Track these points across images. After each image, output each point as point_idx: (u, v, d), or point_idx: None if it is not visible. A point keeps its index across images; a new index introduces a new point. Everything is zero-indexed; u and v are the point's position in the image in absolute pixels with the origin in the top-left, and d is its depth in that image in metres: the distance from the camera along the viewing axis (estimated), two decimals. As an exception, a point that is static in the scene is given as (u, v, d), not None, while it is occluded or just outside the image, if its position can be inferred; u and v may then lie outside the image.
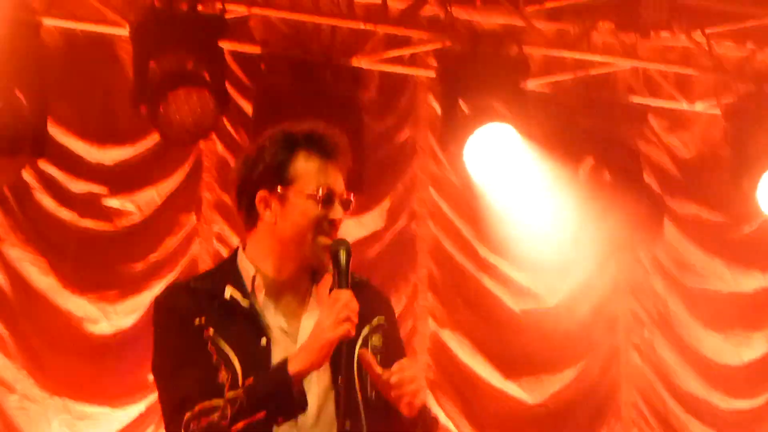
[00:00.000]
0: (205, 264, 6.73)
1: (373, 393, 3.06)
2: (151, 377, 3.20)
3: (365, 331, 3.10)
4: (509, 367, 7.61)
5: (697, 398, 7.71)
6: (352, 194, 3.16)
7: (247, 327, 3.07)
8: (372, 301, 3.16)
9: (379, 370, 3.02)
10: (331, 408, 3.05)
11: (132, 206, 6.75)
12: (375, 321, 3.15)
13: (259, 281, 3.12)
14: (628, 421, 7.65)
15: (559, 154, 7.17)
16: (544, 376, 7.66)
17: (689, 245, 7.93)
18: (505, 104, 6.78)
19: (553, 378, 7.66)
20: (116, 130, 6.75)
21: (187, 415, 2.98)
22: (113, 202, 6.72)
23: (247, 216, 3.17)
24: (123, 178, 6.76)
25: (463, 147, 6.84)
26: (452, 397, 7.51)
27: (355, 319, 2.98)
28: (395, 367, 3.01)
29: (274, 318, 3.10)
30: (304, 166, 3.11)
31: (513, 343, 7.70)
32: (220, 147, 6.90)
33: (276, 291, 3.12)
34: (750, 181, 7.28)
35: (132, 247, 6.78)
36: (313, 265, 3.12)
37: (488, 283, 7.65)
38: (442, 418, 7.40)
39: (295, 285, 3.14)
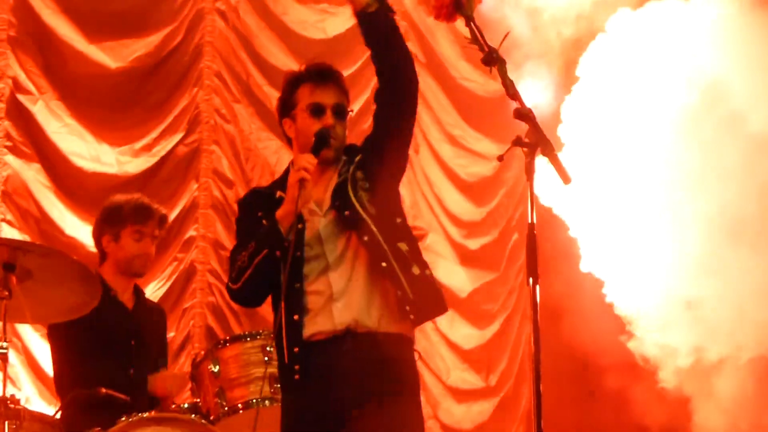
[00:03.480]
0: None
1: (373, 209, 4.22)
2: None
3: (352, 169, 4.28)
4: (94, 30, 7.41)
5: (279, 69, 7.76)
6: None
7: None
8: (356, 150, 4.34)
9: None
10: (350, 244, 4.23)
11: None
12: (357, 158, 4.31)
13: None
14: (209, 88, 7.65)
15: None
16: (129, 41, 7.51)
17: None
18: None
19: (138, 42, 7.52)
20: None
21: (231, 269, 4.28)
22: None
23: (287, 141, 4.46)
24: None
25: None
26: (33, 56, 7.27)
27: (309, 168, 4.12)
28: None
29: (306, 205, 4.21)
30: (301, 92, 4.34)
31: (99, 6, 7.48)
32: None
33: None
34: None
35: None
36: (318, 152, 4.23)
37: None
38: (22, 78, 7.22)
39: (318, 176, 4.27)
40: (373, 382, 4.12)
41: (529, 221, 3.61)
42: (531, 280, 3.58)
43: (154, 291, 7.11)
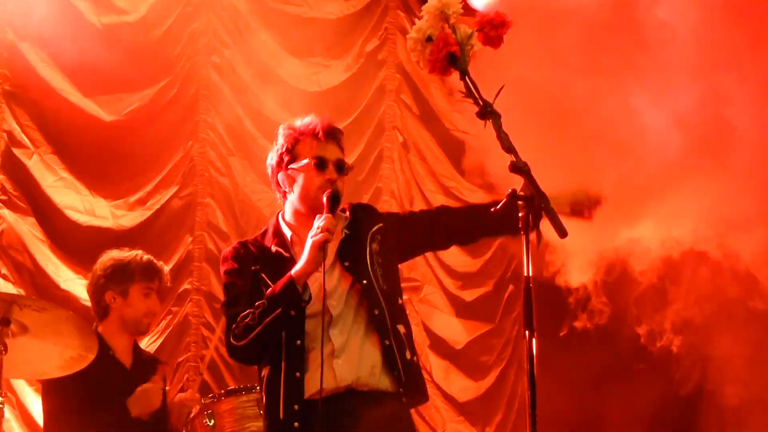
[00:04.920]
0: None
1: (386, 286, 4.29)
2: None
3: (369, 240, 4.33)
4: (89, 84, 7.44)
5: (273, 122, 7.78)
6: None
7: (288, 269, 4.17)
8: (371, 216, 4.44)
9: None
10: (353, 303, 4.26)
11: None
12: (375, 228, 4.36)
13: (295, 238, 4.36)
14: (204, 141, 7.68)
15: None
16: (124, 94, 7.54)
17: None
18: None
19: (133, 96, 7.55)
20: None
21: (234, 325, 4.14)
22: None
23: (279, 193, 4.48)
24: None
25: None
26: (29, 110, 7.30)
27: (332, 230, 4.11)
28: None
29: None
30: (302, 146, 4.37)
31: (94, 59, 7.49)
32: None
33: (304, 243, 4.19)
34: None
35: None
36: (320, 212, 4.20)
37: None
38: (17, 132, 7.24)
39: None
40: None
41: (525, 274, 3.61)
42: (527, 332, 3.58)
43: (148, 344, 7.06)
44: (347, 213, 4.42)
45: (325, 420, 4.09)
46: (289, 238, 4.38)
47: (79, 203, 7.30)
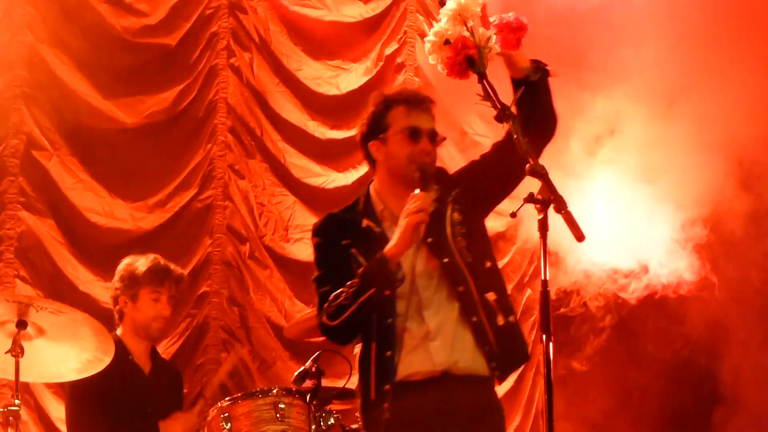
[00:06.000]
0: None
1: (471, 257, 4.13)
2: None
3: (449, 209, 4.15)
4: (108, 86, 7.43)
5: (293, 125, 7.79)
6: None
7: (378, 245, 4.07)
8: (447, 182, 4.21)
9: None
10: (442, 282, 4.12)
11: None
12: (452, 195, 4.18)
13: (386, 213, 4.21)
14: (223, 144, 7.66)
15: None
16: (143, 97, 7.53)
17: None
18: None
19: (152, 98, 7.54)
20: None
21: (326, 304, 4.04)
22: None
23: (369, 163, 4.30)
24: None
25: None
26: (48, 112, 7.31)
27: (428, 209, 3.96)
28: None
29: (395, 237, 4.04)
30: (395, 114, 4.18)
31: (114, 62, 7.51)
32: None
33: (395, 217, 4.10)
34: None
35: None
36: (412, 186, 4.05)
37: (94, 1, 7.41)
38: (36, 134, 7.25)
39: (402, 201, 4.07)
40: (470, 426, 4.08)
41: (542, 278, 3.59)
42: (545, 336, 3.55)
43: (167, 347, 7.07)
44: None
45: (419, 402, 4.05)
46: (379, 212, 4.25)
47: (99, 205, 7.29)
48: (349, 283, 4.03)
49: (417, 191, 4.04)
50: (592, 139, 7.28)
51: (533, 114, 4.06)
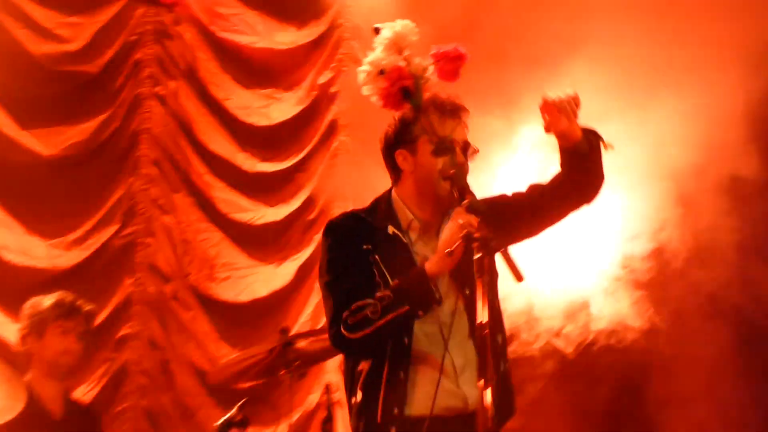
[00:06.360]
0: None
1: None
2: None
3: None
4: (26, 116, 7.14)
5: (220, 157, 7.49)
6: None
7: (403, 256, 3.82)
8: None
9: None
10: (463, 312, 3.81)
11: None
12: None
13: (415, 223, 3.93)
14: (146, 177, 7.34)
15: None
16: (63, 128, 7.23)
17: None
18: None
19: (72, 129, 7.24)
20: None
21: (346, 313, 3.70)
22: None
23: (392, 172, 3.99)
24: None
25: None
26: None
27: (473, 228, 3.48)
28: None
29: (422, 250, 3.86)
30: (426, 122, 3.87)
31: (32, 90, 7.19)
32: None
33: (422, 229, 3.92)
34: None
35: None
36: (442, 200, 3.84)
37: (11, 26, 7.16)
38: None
39: (435, 223, 3.90)
40: None
41: (479, 321, 3.30)
42: (483, 381, 3.25)
43: (84, 393, 6.78)
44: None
45: None
46: (407, 222, 3.94)
47: (13, 242, 7.03)
48: (379, 295, 3.71)
49: (459, 208, 3.65)
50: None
51: (580, 178, 3.94)
